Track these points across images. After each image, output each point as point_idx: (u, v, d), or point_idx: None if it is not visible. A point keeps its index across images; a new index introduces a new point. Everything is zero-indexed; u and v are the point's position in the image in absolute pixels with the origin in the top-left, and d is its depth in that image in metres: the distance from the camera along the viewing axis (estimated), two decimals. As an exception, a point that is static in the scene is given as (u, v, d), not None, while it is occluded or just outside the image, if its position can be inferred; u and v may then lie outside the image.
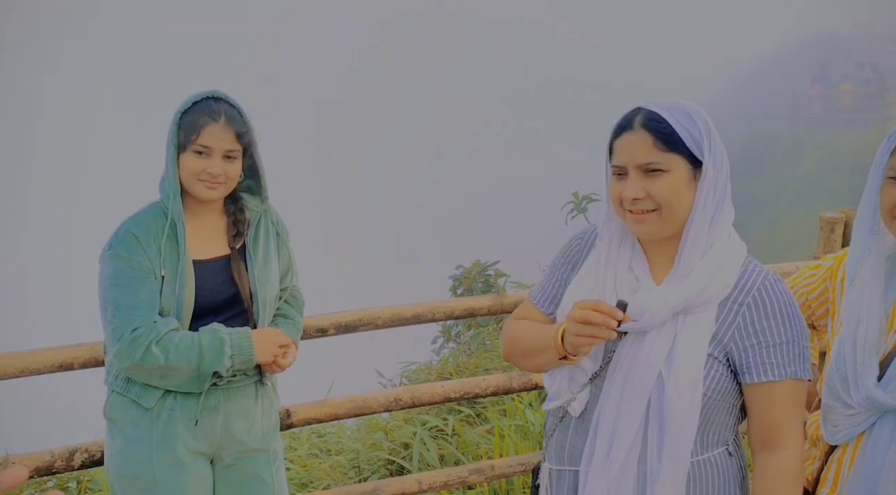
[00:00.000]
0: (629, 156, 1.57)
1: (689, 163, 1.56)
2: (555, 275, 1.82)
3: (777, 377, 1.56)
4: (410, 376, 5.27)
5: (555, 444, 1.73)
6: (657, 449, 1.57)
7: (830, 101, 25.59)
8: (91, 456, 2.43)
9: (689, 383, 1.54)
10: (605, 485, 1.59)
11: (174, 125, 2.11)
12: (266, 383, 2.29)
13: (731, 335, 1.58)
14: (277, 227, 2.36)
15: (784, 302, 1.58)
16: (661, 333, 1.57)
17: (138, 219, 2.15)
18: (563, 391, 1.69)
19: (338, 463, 4.04)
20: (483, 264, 5.80)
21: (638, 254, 1.66)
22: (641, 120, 1.57)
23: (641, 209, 1.57)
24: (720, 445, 1.64)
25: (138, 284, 2.07)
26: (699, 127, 1.56)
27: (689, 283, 1.56)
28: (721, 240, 1.60)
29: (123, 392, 2.15)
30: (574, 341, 1.57)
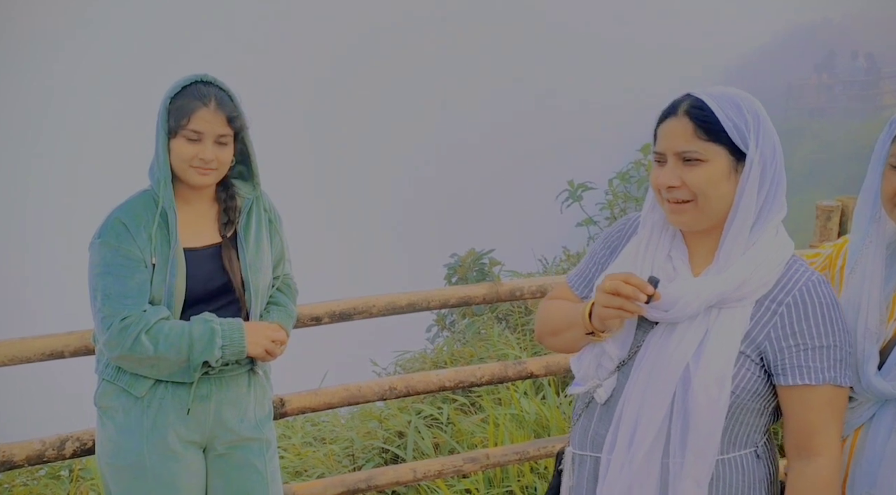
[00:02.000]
0: (669, 143, 1.54)
1: (731, 154, 1.51)
2: (593, 260, 1.80)
3: (814, 381, 1.51)
4: (405, 365, 5.26)
5: (579, 429, 1.72)
6: (680, 444, 1.54)
7: (825, 90, 25.57)
8: (82, 445, 2.41)
9: (717, 380, 1.50)
10: (627, 476, 1.57)
11: (163, 110, 2.08)
12: (258, 372, 2.27)
13: (767, 334, 1.53)
14: (270, 214, 2.33)
15: (827, 304, 1.53)
16: (693, 326, 1.54)
17: (128, 207, 2.12)
18: (590, 376, 1.66)
19: (332, 451, 4.03)
20: (478, 253, 5.78)
21: (678, 244, 1.63)
22: (685, 106, 1.53)
23: (677, 198, 1.54)
24: (748, 446, 1.60)
25: (128, 273, 2.04)
26: (746, 117, 1.51)
27: (725, 278, 1.52)
28: (767, 236, 1.55)
29: (114, 380, 2.12)
30: (602, 313, 1.55)
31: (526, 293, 2.84)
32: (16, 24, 34.07)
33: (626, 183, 6.42)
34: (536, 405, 3.63)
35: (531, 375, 2.89)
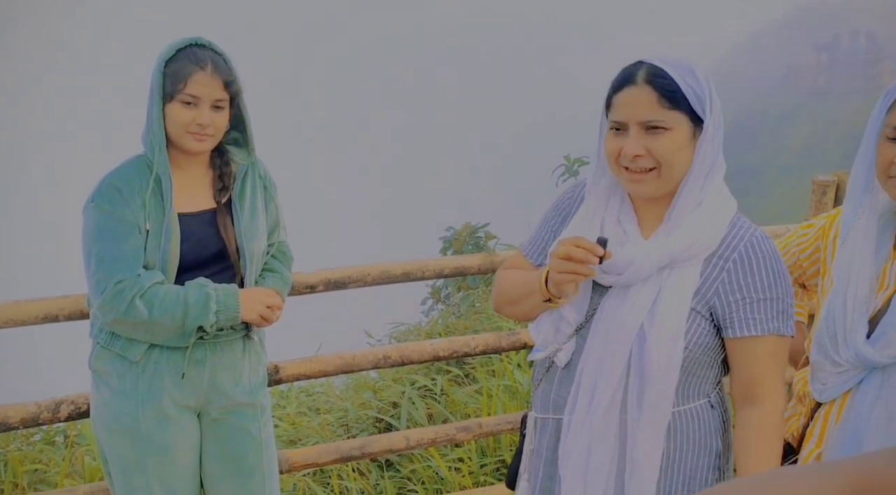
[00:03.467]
0: (631, 112, 1.54)
1: (691, 121, 1.54)
2: (545, 228, 1.83)
3: (759, 332, 1.56)
4: (399, 336, 5.27)
5: (541, 394, 1.76)
6: (637, 400, 1.60)
7: (825, 70, 25.49)
8: (77, 408, 2.41)
9: (671, 337, 1.55)
10: (586, 433, 1.63)
11: (158, 74, 2.06)
12: (253, 337, 2.28)
13: (715, 290, 1.58)
14: (265, 181, 2.32)
15: (770, 258, 1.58)
16: (645, 287, 1.58)
17: (121, 172, 2.10)
18: (549, 342, 1.71)
19: (326, 421, 4.05)
20: (473, 226, 5.78)
21: (627, 209, 1.66)
22: (645, 75, 1.53)
23: (640, 167, 1.55)
24: (701, 397, 1.66)
25: (122, 237, 2.04)
26: (702, 84, 1.53)
27: (675, 239, 1.56)
28: (712, 196, 1.59)
29: (108, 345, 2.13)
30: (557, 278, 1.58)
31: (521, 264, 2.84)
32: (16, 24, 33.98)
33: (622, 158, 6.36)
34: (529, 376, 3.65)
35: (525, 346, 2.90)
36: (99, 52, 34.97)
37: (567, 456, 1.66)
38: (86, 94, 32.64)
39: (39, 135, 30.98)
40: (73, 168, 29.55)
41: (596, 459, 1.63)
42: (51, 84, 33.30)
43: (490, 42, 37.64)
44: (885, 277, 1.64)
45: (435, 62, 37.15)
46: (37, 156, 28.58)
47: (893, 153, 1.59)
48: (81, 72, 33.70)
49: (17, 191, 27.75)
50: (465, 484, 3.18)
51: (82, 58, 34.37)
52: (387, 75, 36.48)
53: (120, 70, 33.88)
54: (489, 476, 3.26)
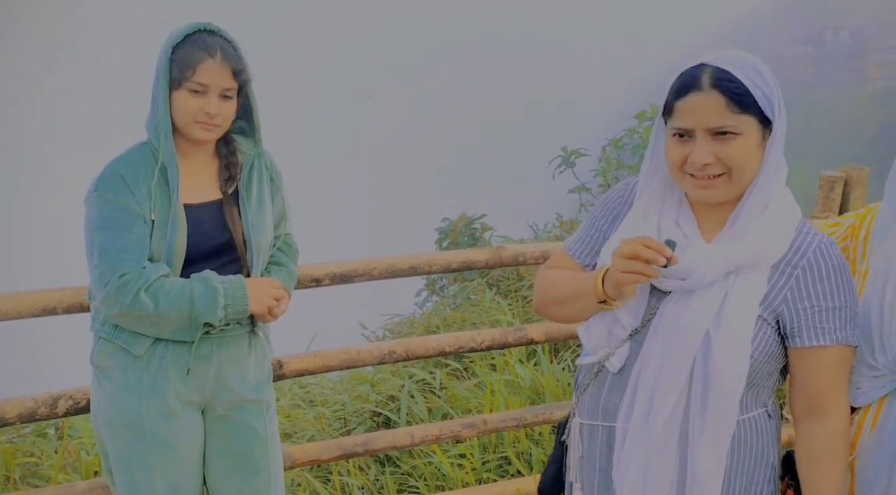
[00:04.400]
0: (698, 119, 1.47)
1: (760, 123, 1.49)
2: (593, 226, 1.76)
3: (828, 342, 1.52)
4: (394, 329, 5.23)
5: (588, 399, 1.69)
6: (700, 409, 1.53)
7: (811, 64, 25.63)
8: (76, 404, 2.35)
9: (738, 344, 1.50)
10: (645, 443, 1.56)
11: (165, 60, 1.99)
12: (258, 333, 2.22)
13: (784, 297, 1.53)
14: (271, 172, 2.26)
15: (838, 266, 1.53)
16: (710, 292, 1.52)
17: (126, 160, 2.03)
18: (601, 346, 1.64)
19: (322, 414, 4.00)
20: (469, 217, 5.73)
21: (685, 211, 1.60)
22: (711, 79, 1.47)
23: (710, 174, 1.49)
24: (760, 406, 1.62)
25: (126, 227, 1.97)
26: (770, 84, 1.48)
27: (742, 244, 1.51)
28: (777, 200, 1.54)
29: (111, 338, 2.06)
30: (619, 278, 1.51)
31: (529, 259, 2.80)
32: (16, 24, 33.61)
33: (619, 150, 6.36)
34: (531, 371, 3.61)
35: (531, 341, 2.86)
36: (99, 52, 34.80)
37: (625, 469, 1.60)
38: (86, 94, 32.39)
39: (39, 134, 30.76)
40: (72, 168, 29.38)
41: (655, 472, 1.56)
42: (51, 84, 33.11)
43: (486, 33, 37.73)
44: None
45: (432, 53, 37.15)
46: (36, 155, 28.31)
47: None
48: (81, 72, 33.48)
49: (17, 191, 27.53)
50: (467, 481, 3.15)
51: (82, 58, 34.17)
52: (382, 68, 36.55)
53: (120, 70, 33.64)
54: (492, 472, 3.23)
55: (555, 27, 37.51)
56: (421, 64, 37.47)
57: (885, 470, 1.61)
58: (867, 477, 1.64)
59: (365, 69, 36.84)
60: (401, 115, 34.19)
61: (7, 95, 30.82)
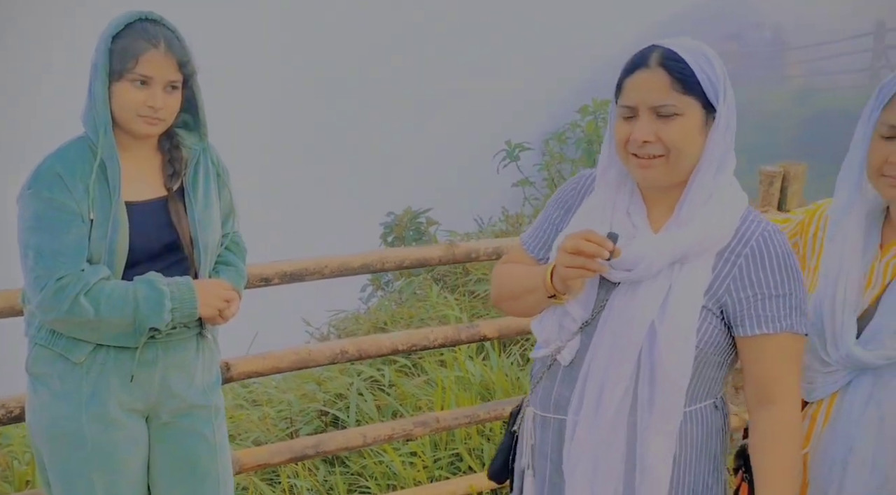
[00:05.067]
0: (642, 96, 1.48)
1: (703, 108, 1.48)
2: (546, 220, 1.76)
3: (772, 330, 1.51)
4: (339, 325, 5.14)
5: (541, 392, 1.70)
6: (648, 401, 1.54)
7: (734, 59, 26.34)
8: (8, 412, 2.23)
9: (683, 335, 1.50)
10: (595, 435, 1.57)
11: (104, 49, 1.88)
12: (207, 335, 2.13)
13: (727, 286, 1.53)
14: (218, 168, 2.17)
15: (782, 254, 1.53)
16: (656, 283, 1.52)
17: (62, 155, 1.92)
18: (553, 339, 1.64)
19: (267, 414, 3.90)
20: (414, 212, 5.68)
21: (636, 200, 1.60)
22: (658, 58, 1.48)
23: (648, 154, 1.49)
24: (708, 398, 1.62)
25: (63, 227, 1.86)
26: (717, 72, 1.49)
27: (687, 233, 1.51)
28: (723, 189, 1.54)
29: (48, 344, 1.95)
30: (564, 273, 1.52)
31: (482, 255, 2.78)
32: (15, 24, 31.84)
33: (562, 144, 6.40)
34: (481, 367, 3.60)
35: (484, 338, 2.84)
36: None
37: (575, 462, 1.60)
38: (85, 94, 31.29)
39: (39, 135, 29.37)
40: None
41: (604, 465, 1.57)
42: (50, 84, 31.49)
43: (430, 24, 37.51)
44: (873, 276, 1.64)
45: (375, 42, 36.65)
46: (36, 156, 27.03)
47: (887, 151, 1.58)
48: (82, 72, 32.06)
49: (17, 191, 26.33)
50: (419, 479, 3.11)
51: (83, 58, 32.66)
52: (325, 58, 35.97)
53: None
54: (444, 470, 3.20)
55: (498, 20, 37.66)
56: (364, 54, 37.06)
57: (838, 463, 1.64)
58: (822, 470, 1.68)
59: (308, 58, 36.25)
60: (342, 105, 33.75)
61: (7, 95, 29.35)
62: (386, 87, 35.14)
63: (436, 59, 35.75)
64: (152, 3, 2.15)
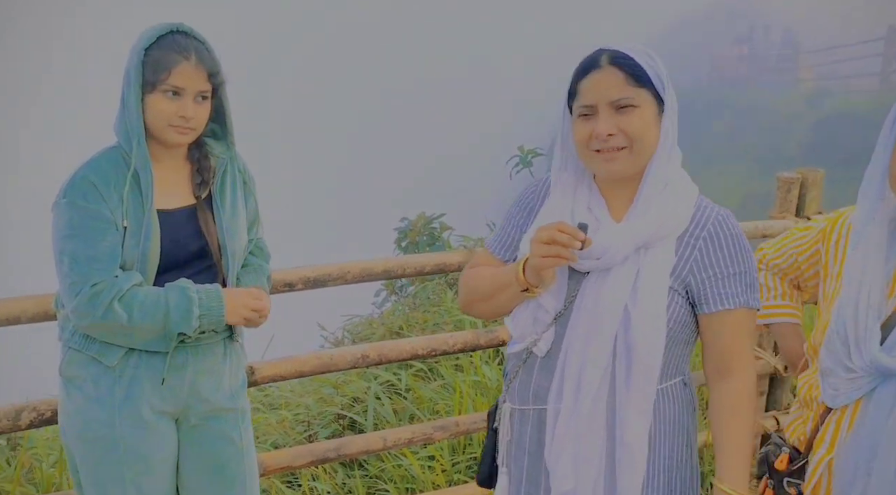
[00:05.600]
0: (600, 94, 1.59)
1: (654, 98, 1.61)
2: (511, 223, 1.85)
3: (731, 305, 1.64)
4: (353, 330, 5.18)
5: (518, 385, 1.76)
6: (625, 381, 1.63)
7: (745, 62, 26.30)
8: (40, 415, 2.26)
9: (655, 315, 1.61)
10: (576, 420, 1.64)
11: (137, 62, 1.92)
12: (236, 340, 2.18)
13: (690, 268, 1.65)
14: (244, 176, 2.22)
15: (736, 234, 1.66)
16: (624, 268, 1.62)
17: (95, 164, 1.96)
18: (528, 333, 1.72)
19: (284, 418, 3.94)
20: (428, 217, 5.72)
21: (595, 196, 1.70)
22: (609, 58, 1.60)
23: (612, 146, 1.60)
24: (677, 375, 1.72)
25: (97, 235, 1.91)
26: (660, 66, 1.62)
27: (648, 219, 1.62)
28: (675, 178, 1.66)
29: (82, 349, 1.99)
30: (538, 263, 1.59)
31: (501, 261, 2.81)
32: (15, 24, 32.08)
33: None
34: (498, 372, 3.63)
35: (503, 343, 2.87)
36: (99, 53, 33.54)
37: (558, 448, 1.67)
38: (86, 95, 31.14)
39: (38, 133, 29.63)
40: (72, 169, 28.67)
41: (587, 447, 1.65)
42: (50, 84, 31.79)
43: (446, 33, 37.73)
44: (895, 284, 1.66)
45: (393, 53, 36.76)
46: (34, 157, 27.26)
47: None
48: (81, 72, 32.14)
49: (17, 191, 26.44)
50: (438, 483, 3.15)
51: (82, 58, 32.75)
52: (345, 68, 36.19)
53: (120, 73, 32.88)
54: (462, 474, 3.23)
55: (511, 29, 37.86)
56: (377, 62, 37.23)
57: (862, 470, 1.65)
58: (846, 477, 1.69)
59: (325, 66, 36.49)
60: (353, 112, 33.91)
61: (7, 95, 29.59)
62: (397, 93, 35.25)
63: (449, 66, 35.87)
64: (153, 6, 2.19)
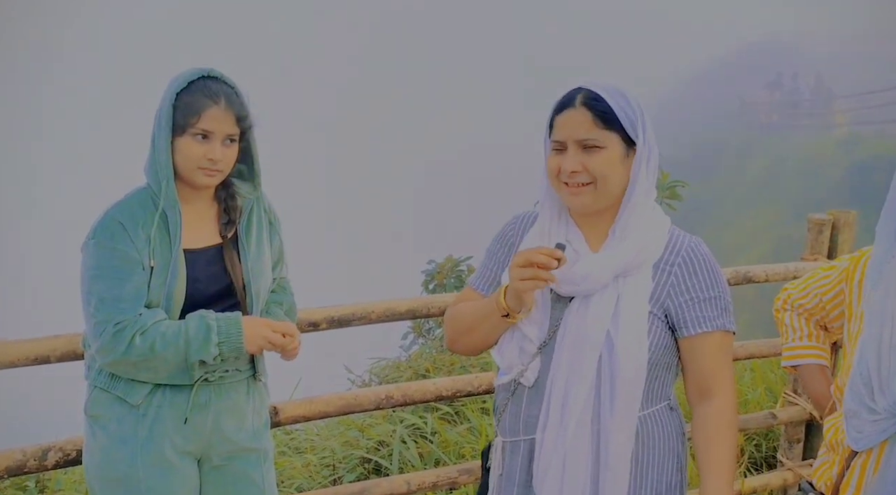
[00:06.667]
0: (569, 131, 1.67)
1: (623, 141, 1.67)
2: (492, 260, 1.91)
3: (710, 328, 1.70)
4: (380, 373, 5.16)
5: (509, 417, 1.79)
6: (610, 404, 1.66)
7: (776, 108, 26.23)
8: (66, 456, 2.27)
9: (636, 339, 1.66)
10: (561, 448, 1.68)
11: (168, 106, 1.97)
12: (259, 379, 2.18)
13: (667, 292, 1.71)
14: (270, 216, 2.25)
15: (709, 261, 1.74)
16: (605, 295, 1.68)
17: (124, 206, 2.01)
18: (514, 364, 1.75)
19: (310, 461, 3.91)
20: (455, 259, 5.74)
21: (573, 229, 1.76)
22: (582, 99, 1.67)
23: (578, 182, 1.67)
24: (662, 400, 1.77)
25: (124, 276, 1.94)
26: (634, 109, 1.67)
27: (624, 248, 1.68)
28: (648, 211, 1.73)
29: (107, 388, 2.01)
30: (519, 286, 1.64)
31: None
32: (15, 25, 33.39)
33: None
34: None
35: (529, 385, 2.84)
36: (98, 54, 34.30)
37: (543, 474, 1.69)
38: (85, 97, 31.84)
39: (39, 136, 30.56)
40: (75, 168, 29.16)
41: (571, 473, 1.67)
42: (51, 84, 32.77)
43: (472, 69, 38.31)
44: None
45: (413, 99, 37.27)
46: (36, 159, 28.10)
47: None
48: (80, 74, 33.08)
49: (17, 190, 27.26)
50: (463, 528, 3.08)
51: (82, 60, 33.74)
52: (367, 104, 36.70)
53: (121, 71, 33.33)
54: (488, 519, 3.16)
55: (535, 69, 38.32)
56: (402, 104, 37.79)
57: None
58: None
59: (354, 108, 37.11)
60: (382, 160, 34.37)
61: (7, 95, 30.54)
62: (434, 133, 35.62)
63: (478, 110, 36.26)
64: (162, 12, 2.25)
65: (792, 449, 3.41)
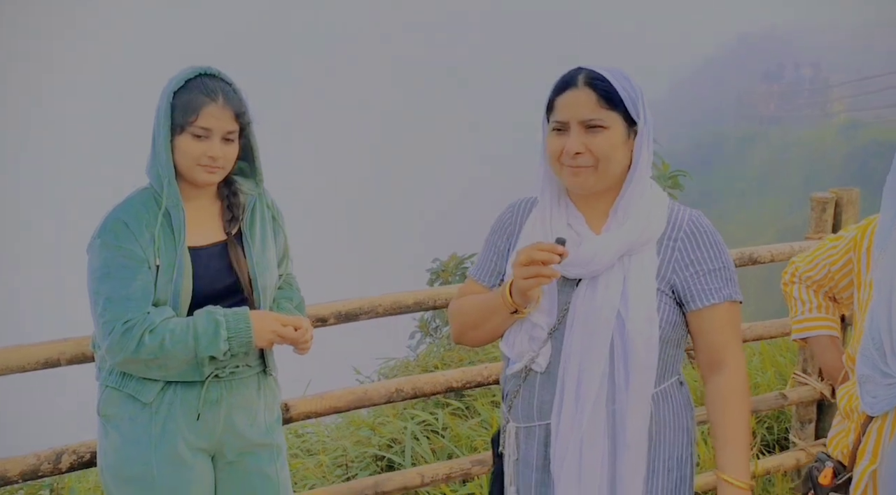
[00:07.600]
0: (572, 112, 1.65)
1: (625, 122, 1.66)
2: (491, 250, 1.89)
3: (717, 300, 1.69)
4: (388, 373, 5.16)
5: (521, 403, 1.77)
6: (625, 384, 1.66)
7: (775, 98, 26.24)
8: (79, 458, 2.28)
9: (647, 317, 1.65)
10: (577, 434, 1.67)
11: (166, 105, 1.98)
12: (270, 374, 2.18)
13: (672, 267, 1.70)
14: (273, 211, 2.25)
15: (711, 232, 1.73)
16: (612, 275, 1.67)
17: (128, 206, 2.01)
18: (525, 351, 1.74)
19: (322, 461, 3.92)
20: (460, 257, 5.75)
21: (573, 212, 1.75)
22: (585, 79, 1.65)
23: (580, 164, 1.65)
24: (673, 375, 1.76)
25: (130, 275, 1.94)
26: (634, 88, 1.67)
27: (627, 228, 1.67)
28: (648, 189, 1.73)
29: (119, 387, 2.01)
30: (522, 285, 1.63)
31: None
32: (14, 24, 33.48)
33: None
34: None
35: (538, 374, 2.84)
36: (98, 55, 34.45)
37: (560, 459, 1.68)
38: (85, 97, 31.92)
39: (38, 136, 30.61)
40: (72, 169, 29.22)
41: (589, 456, 1.67)
42: (50, 84, 32.86)
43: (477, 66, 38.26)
44: None
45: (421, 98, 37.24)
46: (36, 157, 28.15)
47: None
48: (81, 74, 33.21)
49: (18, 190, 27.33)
50: (478, 520, 3.08)
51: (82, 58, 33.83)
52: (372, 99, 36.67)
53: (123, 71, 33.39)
54: (502, 510, 3.15)
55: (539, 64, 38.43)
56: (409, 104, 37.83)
57: None
58: (889, 486, 1.63)
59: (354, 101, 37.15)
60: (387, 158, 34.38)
61: (7, 95, 30.65)
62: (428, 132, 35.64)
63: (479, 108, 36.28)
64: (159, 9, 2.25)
65: (804, 429, 3.40)
